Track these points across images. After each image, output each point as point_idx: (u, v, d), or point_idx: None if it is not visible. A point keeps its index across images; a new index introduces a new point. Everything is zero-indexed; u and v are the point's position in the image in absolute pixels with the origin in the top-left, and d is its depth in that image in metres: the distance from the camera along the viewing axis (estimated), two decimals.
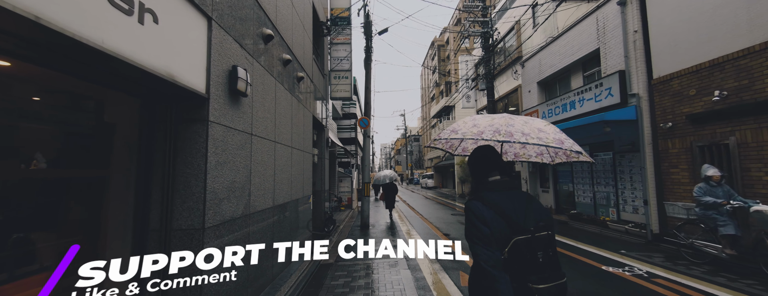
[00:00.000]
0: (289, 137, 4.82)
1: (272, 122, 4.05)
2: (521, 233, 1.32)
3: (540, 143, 1.79)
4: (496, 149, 1.83)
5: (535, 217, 1.38)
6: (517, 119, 1.99)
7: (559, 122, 9.32)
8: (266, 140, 3.81)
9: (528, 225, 1.35)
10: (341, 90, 10.21)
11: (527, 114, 11.35)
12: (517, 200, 1.41)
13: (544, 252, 1.32)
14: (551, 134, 1.89)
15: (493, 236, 1.31)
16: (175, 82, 2.11)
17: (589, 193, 9.03)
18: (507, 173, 1.51)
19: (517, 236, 1.31)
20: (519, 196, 1.44)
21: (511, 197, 1.41)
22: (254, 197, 3.39)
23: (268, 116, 3.89)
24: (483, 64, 13.56)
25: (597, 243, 6.54)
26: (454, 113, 32.39)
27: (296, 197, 5.24)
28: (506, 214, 1.35)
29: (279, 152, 4.32)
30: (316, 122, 7.56)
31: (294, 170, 5.08)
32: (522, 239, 1.31)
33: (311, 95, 6.74)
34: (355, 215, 11.58)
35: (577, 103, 8.68)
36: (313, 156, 7.55)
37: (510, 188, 1.46)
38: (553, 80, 10.75)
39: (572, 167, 9.83)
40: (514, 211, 1.36)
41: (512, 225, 1.33)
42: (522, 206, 1.39)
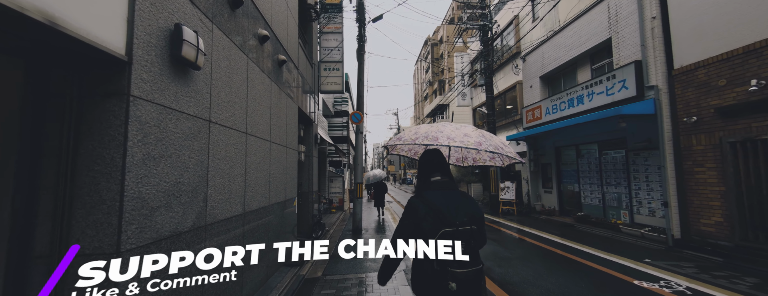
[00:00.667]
0: (266, 129, 4.05)
1: (243, 108, 3.28)
2: (448, 226, 1.54)
3: (461, 146, 1.98)
4: (444, 153, 2.12)
5: (465, 213, 1.60)
6: (449, 125, 2.18)
7: (565, 118, 8.73)
8: (233, 131, 3.04)
9: (455, 219, 1.56)
10: (332, 83, 9.45)
11: (529, 110, 10.76)
12: (451, 199, 1.64)
13: (465, 242, 1.52)
14: (474, 138, 2.05)
15: (417, 230, 1.56)
16: (56, 27, 1.34)
17: (597, 194, 8.44)
18: (447, 175, 1.74)
19: (445, 228, 1.54)
20: (454, 195, 1.66)
21: (446, 196, 1.64)
22: (214, 203, 2.62)
23: (236, 100, 3.12)
24: (482, 59, 12.94)
25: (613, 249, 5.92)
26: (448, 112, 31.80)
27: (278, 199, 4.47)
28: (439, 209, 1.57)
29: (252, 146, 3.55)
30: (303, 115, 6.79)
31: (274, 169, 4.32)
32: (448, 230, 1.54)
33: (297, 85, 5.98)
34: (346, 217, 10.82)
35: (585, 97, 8.08)
36: (300, 154, 6.78)
37: (448, 188, 1.69)
38: (557, 74, 10.16)
39: (578, 166, 9.24)
40: (447, 207, 1.59)
41: (443, 218, 1.55)
42: (454, 204, 1.62)
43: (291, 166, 5.34)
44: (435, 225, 1.54)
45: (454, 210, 1.58)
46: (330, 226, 8.80)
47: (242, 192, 3.22)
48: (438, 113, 34.54)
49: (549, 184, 10.57)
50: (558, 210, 10.07)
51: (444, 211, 1.56)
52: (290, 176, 5.25)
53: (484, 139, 2.06)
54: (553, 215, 10.09)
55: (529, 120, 10.86)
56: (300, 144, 6.90)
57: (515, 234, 7.56)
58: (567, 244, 6.43)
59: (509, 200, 11.43)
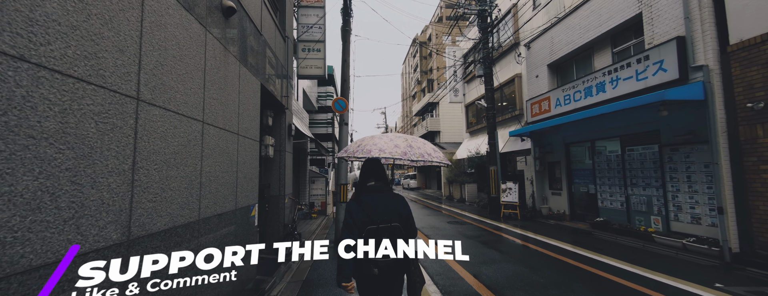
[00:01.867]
0: (196, 103, 2.62)
1: (131, 55, 1.86)
2: (373, 224, 1.88)
3: (389, 156, 2.26)
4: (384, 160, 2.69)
5: (393, 211, 1.94)
6: (384, 137, 2.43)
7: (580, 109, 7.59)
8: (113, 94, 1.62)
9: (380, 218, 1.90)
10: (312, 66, 8.02)
11: (535, 103, 9.60)
12: (381, 201, 1.97)
13: (387, 236, 1.78)
14: (402, 148, 2.32)
15: (355, 225, 1.87)
16: None
17: (619, 196, 7.32)
18: (381, 180, 2.08)
19: (369, 226, 1.87)
20: (385, 197, 2.00)
21: (378, 198, 1.98)
22: (50, 233, 1.21)
23: (127, 43, 1.70)
24: (480, 48, 11.75)
25: (653, 265, 4.78)
26: (438, 110, 30.71)
27: (222, 209, 3.05)
28: (370, 209, 1.91)
29: (158, 124, 2.12)
30: (271, 98, 5.35)
31: (213, 165, 2.89)
32: (371, 228, 1.87)
33: (260, 55, 4.54)
34: (329, 223, 9.39)
35: (607, 85, 6.94)
36: (267, 148, 5.34)
37: (380, 191, 2.03)
38: (568, 61, 9.04)
39: (594, 164, 8.12)
40: (377, 208, 1.92)
41: (371, 217, 1.89)
42: (383, 205, 1.95)
43: (248, 162, 3.91)
44: (364, 223, 1.88)
45: (383, 209, 1.93)
46: (309, 235, 7.35)
47: (128, 203, 1.80)
48: (427, 112, 33.43)
49: (557, 185, 9.43)
50: (569, 214, 8.94)
51: (374, 210, 1.91)
52: (246, 174, 3.82)
53: (410, 148, 2.33)
54: (563, 219, 8.96)
55: (534, 114, 9.72)
56: (267, 135, 5.45)
57: (533, 246, 6.32)
58: (593, 257, 5.25)
59: (512, 203, 10.25)
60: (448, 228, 8.25)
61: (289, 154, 6.36)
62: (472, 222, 9.13)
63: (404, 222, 1.95)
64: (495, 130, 11.15)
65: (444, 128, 29.24)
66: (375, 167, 2.11)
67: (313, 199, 11.56)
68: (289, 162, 6.31)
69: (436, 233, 7.62)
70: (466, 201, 15.82)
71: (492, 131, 11.17)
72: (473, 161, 14.01)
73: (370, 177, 2.07)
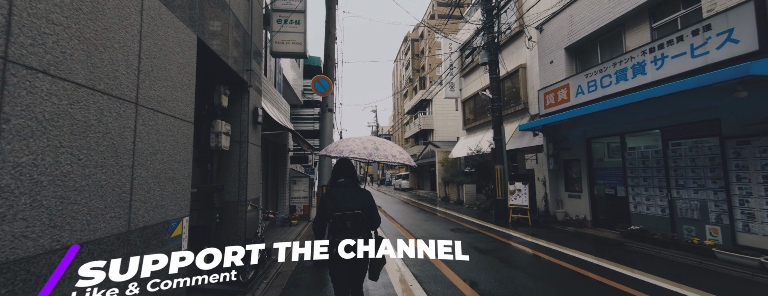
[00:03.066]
0: (62, 54, 1.17)
1: None
2: (339, 211, 2.27)
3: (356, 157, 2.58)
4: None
5: (357, 202, 2.32)
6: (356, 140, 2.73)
7: (608, 97, 6.37)
8: None
9: (345, 206, 2.28)
10: (288, 41, 6.57)
11: (550, 92, 8.36)
12: (348, 194, 2.36)
13: (351, 222, 2.27)
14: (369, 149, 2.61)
15: (325, 212, 2.30)
16: None
17: (659, 200, 6.11)
18: (350, 177, 2.47)
19: (337, 212, 2.27)
20: (351, 191, 2.38)
21: (345, 192, 2.37)
22: None
23: None
24: (484, 32, 10.48)
25: (721, 289, 3.59)
26: (431, 108, 29.46)
27: (83, 236, 1.63)
28: (337, 200, 2.31)
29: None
30: (224, 68, 3.90)
31: (42, 149, 1.46)
32: (338, 214, 2.27)
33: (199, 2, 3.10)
34: (311, 232, 7.93)
35: (649, 65, 5.71)
36: (218, 136, 3.90)
37: (347, 186, 2.42)
38: (591, 42, 7.82)
39: (624, 161, 6.91)
40: (344, 199, 2.32)
41: (338, 206, 2.28)
42: (350, 197, 2.33)
43: (168, 152, 2.47)
44: (332, 211, 2.28)
45: (349, 200, 2.32)
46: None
47: None
48: (420, 109, 32.16)
49: (576, 186, 8.21)
50: (590, 220, 7.71)
51: (340, 201, 2.30)
52: (160, 173, 2.37)
53: (376, 151, 2.61)
54: (584, 226, 7.73)
55: (548, 105, 8.48)
56: (219, 120, 4.01)
57: (567, 265, 5.02)
58: (636, 277, 4.02)
59: (521, 207, 8.99)
60: (451, 238, 6.89)
61: (254, 147, 4.91)
62: (479, 230, 7.82)
63: (367, 211, 2.35)
64: (501, 124, 9.88)
65: (438, 127, 28.01)
66: (345, 166, 2.53)
67: (295, 202, 10.09)
68: (254, 157, 4.87)
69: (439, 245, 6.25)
70: (465, 203, 14.55)
71: (498, 126, 9.90)
72: (474, 159, 12.75)
73: (340, 175, 2.48)
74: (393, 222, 9.40)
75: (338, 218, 2.24)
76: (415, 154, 29.90)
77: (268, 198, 8.98)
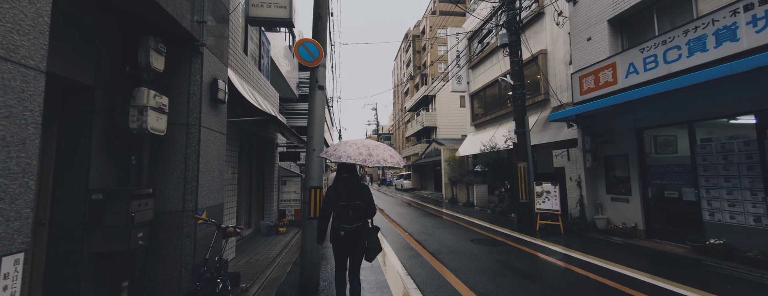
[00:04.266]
0: None
1: None
2: (343, 201, 2.83)
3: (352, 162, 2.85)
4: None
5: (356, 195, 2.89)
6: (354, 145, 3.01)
7: (673, 75, 4.99)
8: None
9: (347, 198, 2.84)
10: (270, 4, 5.15)
11: (588, 75, 6.96)
12: (350, 187, 2.91)
13: (353, 211, 2.83)
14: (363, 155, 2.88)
15: (331, 203, 2.85)
16: None
17: (751, 207, 4.70)
18: (352, 174, 3.00)
19: (340, 203, 2.83)
20: (353, 185, 2.93)
21: (347, 186, 2.91)
22: None
23: None
24: (504, 8, 9.05)
25: None
26: (434, 104, 27.99)
27: None
28: (340, 193, 2.86)
29: None
30: (153, 9, 2.47)
31: None
32: (342, 204, 2.82)
33: None
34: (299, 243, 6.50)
35: (743, 29, 4.31)
36: (143, 112, 2.47)
37: (349, 182, 2.95)
38: (644, 11, 6.40)
39: (694, 157, 5.51)
40: (346, 192, 2.87)
41: (341, 197, 2.84)
42: (351, 190, 2.89)
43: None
44: (337, 201, 2.83)
45: (351, 193, 2.87)
46: (259, 272, 4.42)
47: None
48: (422, 106, 30.72)
49: (621, 188, 6.79)
50: (643, 230, 6.30)
51: (344, 193, 2.85)
52: None
53: (370, 156, 2.87)
54: (634, 237, 6.32)
55: (585, 90, 7.08)
56: (145, 88, 2.58)
57: (634, 293, 3.60)
58: None
59: (551, 212, 7.59)
60: (477, 254, 5.46)
61: (214, 134, 3.48)
62: (505, 241, 6.40)
63: (366, 202, 2.91)
64: (525, 115, 8.48)
65: (441, 124, 26.55)
66: (347, 165, 3.02)
67: (285, 206, 8.66)
68: (213, 148, 3.43)
69: (464, 267, 4.82)
70: (476, 206, 13.15)
71: (521, 117, 8.49)
72: (486, 157, 11.32)
73: (343, 172, 3.01)
74: (398, 229, 7.96)
75: (342, 208, 2.83)
76: (418, 153, 28.44)
77: (252, 202, 7.55)
